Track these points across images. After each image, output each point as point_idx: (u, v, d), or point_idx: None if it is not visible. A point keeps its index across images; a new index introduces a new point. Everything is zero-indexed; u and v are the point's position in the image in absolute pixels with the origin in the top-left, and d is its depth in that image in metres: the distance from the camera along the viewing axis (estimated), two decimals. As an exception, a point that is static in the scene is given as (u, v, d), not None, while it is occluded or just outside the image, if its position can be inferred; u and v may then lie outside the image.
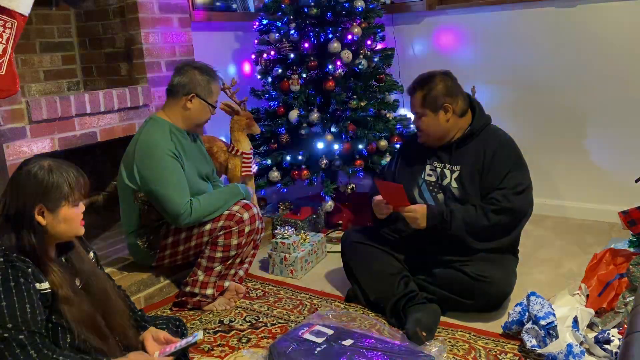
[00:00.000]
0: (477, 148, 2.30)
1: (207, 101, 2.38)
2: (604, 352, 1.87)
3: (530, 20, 3.30)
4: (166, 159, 2.26)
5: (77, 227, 1.52)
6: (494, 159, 2.26)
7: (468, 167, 2.29)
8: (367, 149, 3.14)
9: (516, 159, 2.30)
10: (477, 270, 2.15)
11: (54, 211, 1.45)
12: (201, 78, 2.36)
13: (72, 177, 1.48)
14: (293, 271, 2.74)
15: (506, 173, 2.24)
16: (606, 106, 3.17)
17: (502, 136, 2.34)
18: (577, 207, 3.36)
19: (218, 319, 2.35)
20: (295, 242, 2.77)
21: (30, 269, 1.41)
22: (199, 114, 2.39)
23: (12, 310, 1.34)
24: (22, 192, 1.44)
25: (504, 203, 2.20)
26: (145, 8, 2.78)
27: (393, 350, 1.89)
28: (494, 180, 2.24)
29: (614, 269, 2.23)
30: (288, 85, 3.12)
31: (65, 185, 1.46)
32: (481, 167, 2.27)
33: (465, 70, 3.51)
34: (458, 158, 2.32)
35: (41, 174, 1.45)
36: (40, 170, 1.45)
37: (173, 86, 2.38)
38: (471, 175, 2.28)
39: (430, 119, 2.30)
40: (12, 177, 1.49)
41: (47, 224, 1.46)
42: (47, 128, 2.39)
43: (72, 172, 1.49)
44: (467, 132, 2.32)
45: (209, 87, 2.38)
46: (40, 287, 1.41)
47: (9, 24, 1.97)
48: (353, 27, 3.09)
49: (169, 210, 2.25)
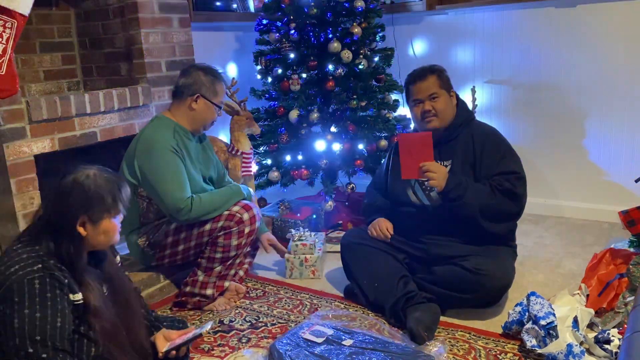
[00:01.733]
0: (465, 140, 2.36)
1: (212, 101, 2.39)
2: (604, 352, 1.87)
3: (530, 20, 3.30)
4: (167, 154, 2.27)
5: (114, 238, 1.52)
6: (484, 147, 2.32)
7: (459, 159, 2.33)
8: (367, 149, 3.14)
9: (507, 146, 2.36)
10: (475, 264, 2.17)
11: (96, 223, 1.45)
12: (206, 79, 2.37)
13: (116, 189, 1.47)
14: (315, 271, 2.73)
15: (500, 158, 2.29)
16: (606, 106, 3.17)
17: (487, 127, 2.45)
18: (577, 207, 3.36)
19: (218, 319, 2.35)
20: (314, 242, 2.76)
21: (67, 280, 1.40)
22: (204, 114, 2.40)
23: (43, 322, 1.33)
24: (67, 200, 1.43)
25: (508, 185, 2.23)
26: (145, 8, 2.78)
27: (393, 351, 1.89)
28: (490, 168, 2.29)
29: (614, 269, 2.23)
30: (288, 85, 3.12)
31: (109, 198, 1.46)
32: (472, 158, 2.32)
33: (465, 70, 3.52)
34: (448, 152, 2.36)
35: (87, 184, 1.44)
36: (87, 180, 1.45)
37: (178, 87, 2.39)
38: (463, 168, 2.32)
39: (446, 99, 2.35)
40: (58, 184, 1.46)
41: (88, 235, 1.45)
42: (47, 128, 2.39)
43: (116, 184, 1.49)
44: (452, 123, 2.37)
45: (214, 88, 2.39)
46: (73, 298, 1.41)
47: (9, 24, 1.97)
48: (353, 27, 3.09)
49: (168, 205, 2.24)
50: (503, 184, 2.24)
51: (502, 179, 2.25)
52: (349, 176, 3.14)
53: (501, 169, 2.27)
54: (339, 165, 3.12)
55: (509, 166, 2.28)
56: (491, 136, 2.37)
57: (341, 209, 3.34)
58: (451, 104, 2.37)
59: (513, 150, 2.36)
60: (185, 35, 3.00)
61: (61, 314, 1.35)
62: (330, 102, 3.13)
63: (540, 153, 3.35)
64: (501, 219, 2.27)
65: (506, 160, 2.30)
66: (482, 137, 2.34)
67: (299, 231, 2.83)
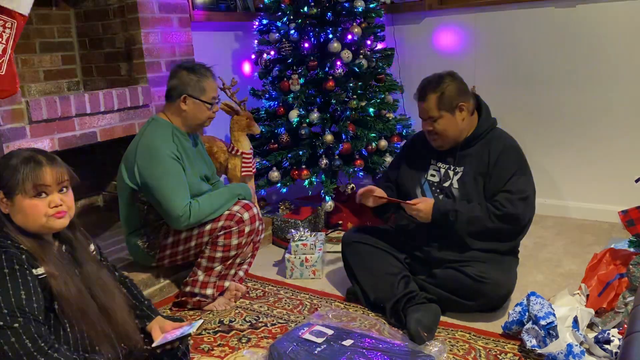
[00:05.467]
0: (481, 151, 2.29)
1: (200, 99, 2.37)
2: (604, 352, 1.87)
3: (530, 20, 3.30)
4: (168, 161, 2.26)
5: (37, 219, 1.44)
6: (498, 162, 2.25)
7: (471, 169, 2.29)
8: (367, 149, 3.14)
9: (521, 163, 2.29)
10: (478, 271, 2.15)
11: (11, 200, 1.43)
12: (189, 78, 2.34)
13: (29, 168, 1.42)
14: (315, 271, 2.73)
15: (511, 176, 2.23)
16: (606, 106, 3.17)
17: (507, 140, 2.33)
18: (578, 207, 3.36)
19: (218, 319, 2.35)
20: (314, 242, 2.76)
21: (25, 255, 1.40)
22: (195, 113, 2.38)
23: (7, 297, 1.33)
24: None
25: (509, 209, 2.18)
26: (145, 8, 2.78)
27: (393, 351, 1.89)
28: (498, 183, 2.24)
29: (614, 269, 2.23)
30: (288, 85, 3.11)
31: (18, 174, 1.41)
32: (485, 171, 2.26)
33: (465, 70, 3.50)
34: (462, 160, 2.32)
35: (4, 162, 1.43)
36: (8, 159, 1.44)
37: (168, 90, 2.39)
38: (474, 177, 2.28)
39: (446, 120, 2.25)
40: None
41: (10, 213, 1.44)
42: (47, 128, 2.39)
43: (32, 163, 1.43)
44: (472, 134, 2.31)
45: (200, 85, 2.35)
46: (37, 272, 1.40)
47: (9, 24, 1.97)
48: (353, 27, 3.09)
49: (168, 212, 2.24)
50: (503, 207, 2.19)
51: (504, 199, 2.20)
52: (349, 176, 3.14)
53: (508, 187, 2.22)
54: (339, 165, 3.12)
55: (517, 184, 2.22)
56: (508, 150, 2.28)
57: (341, 209, 3.34)
58: (456, 122, 2.26)
59: (526, 167, 2.30)
60: (185, 35, 3.01)
61: (24, 287, 1.36)
62: (330, 102, 3.13)
63: (540, 153, 3.35)
64: (501, 239, 2.25)
65: (515, 177, 2.23)
66: (498, 150, 2.27)
67: (299, 231, 2.83)
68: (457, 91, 2.26)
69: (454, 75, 2.31)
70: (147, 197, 2.31)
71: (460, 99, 2.25)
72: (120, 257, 2.67)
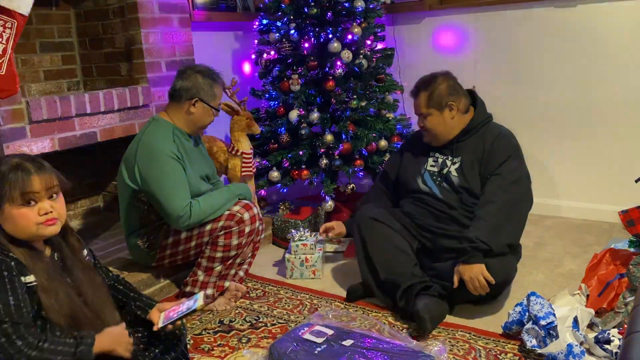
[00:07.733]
0: (477, 141, 2.39)
1: (210, 105, 2.38)
2: (604, 352, 1.87)
3: (530, 20, 3.30)
4: (168, 162, 2.26)
5: (27, 228, 1.42)
6: (492, 146, 2.35)
7: (468, 157, 2.37)
8: (367, 149, 3.14)
9: (514, 149, 2.37)
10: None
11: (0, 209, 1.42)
12: (204, 82, 2.35)
13: (16, 176, 1.40)
14: (315, 272, 2.73)
15: (505, 159, 2.31)
16: (606, 106, 3.17)
17: (502, 128, 2.44)
18: (577, 207, 3.36)
19: (218, 319, 2.35)
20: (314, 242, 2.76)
21: (14, 262, 1.39)
22: (202, 117, 2.39)
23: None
24: None
25: (502, 195, 2.24)
26: (145, 8, 2.78)
27: (393, 351, 1.89)
28: (491, 166, 2.32)
29: (614, 269, 2.23)
30: (288, 85, 3.11)
31: (5, 183, 1.40)
32: (481, 156, 2.35)
33: (465, 70, 3.51)
34: (459, 151, 2.41)
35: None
36: None
37: (175, 90, 2.37)
38: (471, 164, 2.36)
39: (435, 118, 2.38)
40: None
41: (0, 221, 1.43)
42: (47, 128, 2.39)
43: (19, 171, 1.41)
44: (467, 126, 2.40)
45: (212, 91, 2.37)
46: (25, 280, 1.40)
47: (9, 24, 1.97)
48: (353, 27, 3.09)
49: (169, 213, 2.24)
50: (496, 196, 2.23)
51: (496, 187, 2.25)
52: (349, 176, 3.14)
53: (500, 170, 2.30)
54: (339, 165, 3.12)
55: (508, 167, 2.29)
56: (502, 137, 2.38)
57: (341, 209, 3.34)
58: (444, 120, 2.37)
59: (520, 152, 2.38)
60: (185, 36, 3.00)
61: (12, 293, 1.35)
62: (330, 102, 3.13)
63: (540, 153, 3.35)
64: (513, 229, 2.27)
65: (509, 161, 2.31)
66: (493, 136, 2.37)
67: (299, 231, 2.83)
68: (448, 90, 2.37)
69: (448, 75, 2.43)
70: (148, 197, 2.31)
71: (450, 98, 2.37)
72: (120, 257, 2.67)
